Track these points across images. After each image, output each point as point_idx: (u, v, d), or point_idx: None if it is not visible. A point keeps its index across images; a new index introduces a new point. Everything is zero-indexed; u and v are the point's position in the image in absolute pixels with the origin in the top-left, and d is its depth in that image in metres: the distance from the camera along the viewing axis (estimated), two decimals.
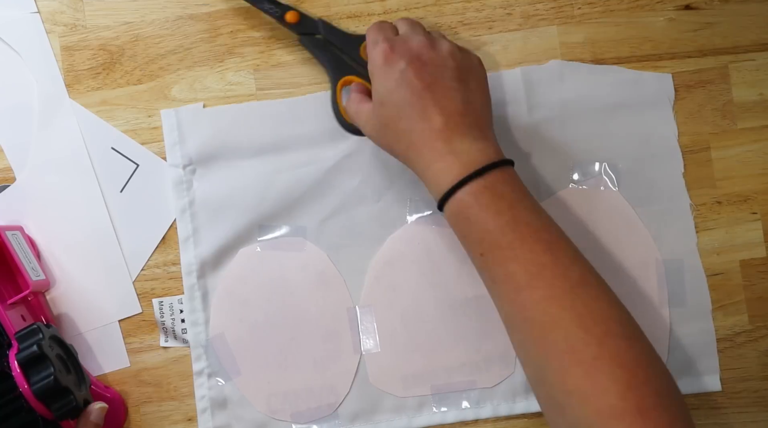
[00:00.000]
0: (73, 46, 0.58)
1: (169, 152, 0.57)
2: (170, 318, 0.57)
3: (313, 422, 0.56)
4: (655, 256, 0.56)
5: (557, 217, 0.56)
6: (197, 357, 0.56)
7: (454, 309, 0.56)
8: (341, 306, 0.56)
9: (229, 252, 0.57)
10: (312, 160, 0.57)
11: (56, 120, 0.57)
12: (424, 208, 0.57)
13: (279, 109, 0.57)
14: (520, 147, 0.57)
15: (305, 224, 0.57)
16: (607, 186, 0.57)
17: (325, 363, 0.56)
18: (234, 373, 0.56)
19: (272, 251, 0.57)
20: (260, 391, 0.56)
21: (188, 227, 0.57)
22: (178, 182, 0.57)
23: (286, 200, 0.57)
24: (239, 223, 0.57)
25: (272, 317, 0.56)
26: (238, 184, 0.57)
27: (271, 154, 0.57)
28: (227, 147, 0.57)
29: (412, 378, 0.56)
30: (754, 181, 0.57)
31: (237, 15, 0.58)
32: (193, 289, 0.57)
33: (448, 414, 0.56)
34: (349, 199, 0.57)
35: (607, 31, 0.58)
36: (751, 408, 0.56)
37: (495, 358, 0.55)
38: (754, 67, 0.58)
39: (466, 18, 0.58)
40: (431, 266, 0.56)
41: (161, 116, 0.57)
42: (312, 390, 0.56)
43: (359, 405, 0.56)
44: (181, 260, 0.57)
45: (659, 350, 0.55)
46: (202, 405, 0.56)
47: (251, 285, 0.57)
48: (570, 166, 0.57)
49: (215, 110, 0.57)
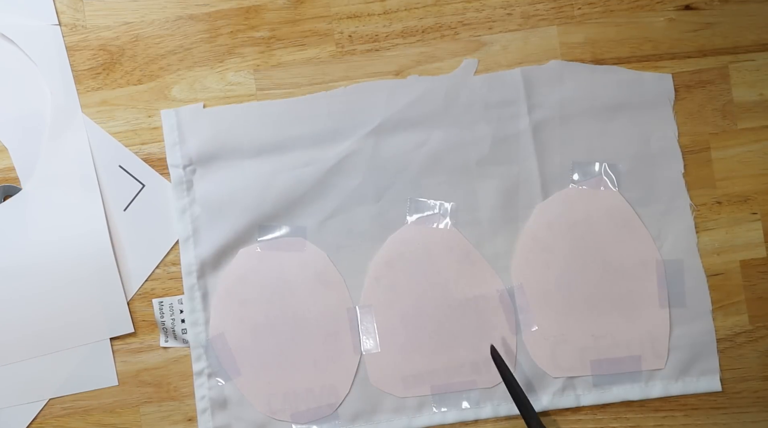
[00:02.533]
0: (73, 46, 0.58)
1: (169, 152, 0.57)
2: (170, 318, 0.57)
3: (313, 422, 0.56)
4: (655, 257, 0.56)
5: (557, 217, 0.57)
6: (197, 358, 0.56)
7: (453, 310, 0.56)
8: (341, 307, 0.56)
9: (229, 252, 0.57)
10: (312, 160, 0.57)
11: (67, 133, 0.57)
12: (424, 208, 0.57)
13: (279, 109, 0.57)
14: (520, 147, 0.57)
15: (305, 224, 0.57)
16: (607, 186, 0.57)
17: (325, 364, 0.56)
18: (234, 373, 0.56)
19: (272, 251, 0.57)
20: (260, 391, 0.56)
21: (188, 227, 0.57)
22: (179, 182, 0.57)
23: (286, 200, 0.57)
24: (239, 223, 0.57)
25: (272, 317, 0.56)
26: (239, 184, 0.57)
27: (271, 155, 0.57)
28: (227, 147, 0.57)
29: (412, 378, 0.56)
30: (754, 181, 0.57)
31: (237, 15, 0.58)
32: (193, 289, 0.57)
33: (448, 415, 0.56)
34: (349, 200, 0.57)
35: (607, 31, 0.58)
36: (752, 409, 0.56)
37: None
38: (755, 68, 0.58)
39: (466, 18, 0.58)
40: (431, 266, 0.56)
41: (161, 116, 0.57)
42: (312, 390, 0.56)
43: (359, 405, 0.56)
44: (181, 260, 0.57)
45: (659, 350, 0.55)
46: (203, 405, 0.56)
47: (251, 285, 0.57)
48: (570, 166, 0.57)
49: (215, 110, 0.57)
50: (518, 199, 0.57)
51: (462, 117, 0.57)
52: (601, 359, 0.55)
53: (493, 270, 0.56)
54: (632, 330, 0.56)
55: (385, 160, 0.57)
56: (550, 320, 0.56)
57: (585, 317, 0.56)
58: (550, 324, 0.56)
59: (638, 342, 0.56)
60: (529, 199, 0.57)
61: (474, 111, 0.57)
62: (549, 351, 0.56)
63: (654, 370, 0.56)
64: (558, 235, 0.56)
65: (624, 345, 0.56)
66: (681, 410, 0.56)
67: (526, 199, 0.57)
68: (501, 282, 0.56)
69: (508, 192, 0.57)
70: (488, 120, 0.57)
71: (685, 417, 0.56)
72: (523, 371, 0.56)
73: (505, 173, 0.57)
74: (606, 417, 0.56)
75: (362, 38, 0.58)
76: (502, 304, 0.56)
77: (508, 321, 0.56)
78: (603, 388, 0.56)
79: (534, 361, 0.56)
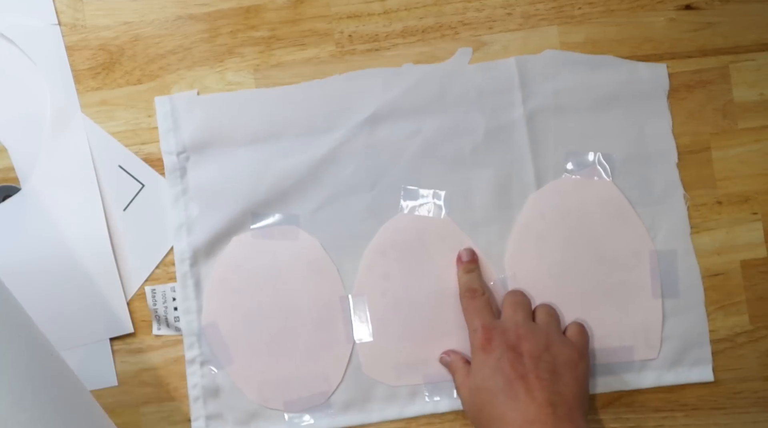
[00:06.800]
0: (73, 46, 0.58)
1: (162, 139, 0.57)
2: (163, 306, 0.57)
3: (305, 411, 0.56)
4: (648, 247, 0.56)
5: (550, 207, 0.56)
6: (190, 346, 0.56)
7: (446, 298, 0.56)
8: (334, 295, 0.56)
9: (222, 240, 0.57)
10: (306, 148, 0.57)
11: (66, 133, 0.57)
12: (418, 197, 0.57)
13: (273, 96, 0.57)
14: (514, 136, 0.57)
15: (298, 212, 0.57)
16: (601, 176, 0.57)
17: (318, 352, 0.56)
18: (226, 362, 0.56)
19: (265, 239, 0.57)
20: (252, 380, 0.56)
21: (181, 215, 0.57)
22: (172, 169, 0.57)
23: (279, 188, 0.57)
24: (233, 211, 0.56)
25: (265, 305, 0.56)
26: (232, 171, 0.57)
27: (265, 142, 0.57)
28: (221, 134, 0.57)
29: (405, 367, 0.56)
30: (754, 181, 0.57)
31: (237, 15, 0.58)
32: (186, 277, 0.56)
33: (441, 404, 0.56)
34: (342, 188, 0.57)
35: (608, 31, 0.58)
36: (752, 409, 0.56)
37: None
38: (755, 67, 0.58)
39: (467, 18, 0.58)
40: (424, 255, 0.56)
41: (155, 103, 0.57)
42: (304, 378, 0.56)
43: (352, 394, 0.56)
44: (174, 248, 0.57)
45: (652, 340, 0.55)
46: (195, 393, 0.56)
47: (244, 273, 0.57)
48: (564, 156, 0.57)
49: (210, 98, 0.57)
50: (512, 188, 0.57)
51: (456, 106, 0.57)
52: (594, 348, 0.55)
53: (486, 260, 0.56)
54: (625, 320, 0.56)
55: (379, 148, 0.57)
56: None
57: (578, 307, 0.56)
58: None
59: (631, 332, 0.56)
60: (523, 189, 0.57)
61: (468, 100, 0.57)
62: None
63: (646, 360, 0.56)
64: (552, 225, 0.56)
65: (617, 335, 0.56)
66: (681, 410, 0.56)
67: (520, 188, 0.57)
68: (494, 272, 0.56)
69: (501, 181, 0.57)
70: (482, 109, 0.57)
71: (686, 417, 0.56)
72: None
73: (499, 162, 0.57)
74: (606, 418, 0.56)
75: (362, 38, 0.58)
76: (496, 294, 0.56)
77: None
78: (595, 378, 0.55)
79: None
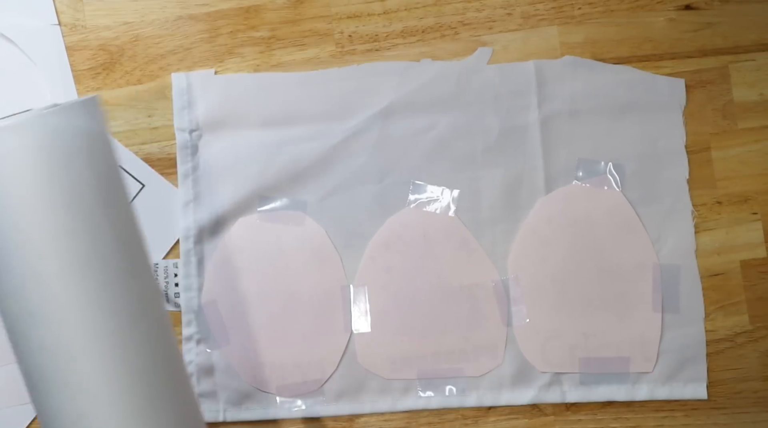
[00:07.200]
0: (73, 46, 0.58)
1: (177, 116, 0.57)
2: (164, 280, 0.57)
3: (297, 396, 0.56)
4: (652, 260, 0.56)
5: (558, 213, 0.56)
6: (188, 323, 0.56)
7: (447, 296, 0.56)
8: (335, 284, 0.56)
9: (228, 220, 0.57)
10: (318, 135, 0.57)
11: None
12: (426, 193, 0.57)
13: (291, 81, 0.57)
14: (527, 139, 0.57)
15: (306, 199, 0.57)
16: (611, 185, 0.57)
17: (315, 339, 0.56)
18: (223, 341, 0.56)
19: (271, 223, 0.57)
20: (247, 361, 0.56)
21: (189, 192, 0.57)
22: (184, 146, 0.57)
23: (289, 173, 0.57)
24: (240, 192, 0.56)
25: (265, 288, 0.56)
26: (243, 153, 0.57)
27: (278, 126, 0.57)
28: (235, 115, 0.57)
29: (400, 360, 0.56)
30: (754, 181, 0.57)
31: (237, 15, 0.58)
32: (189, 254, 0.56)
33: (433, 400, 0.56)
34: (352, 178, 0.57)
35: (608, 31, 0.58)
36: (752, 409, 0.56)
37: (483, 348, 0.55)
38: (755, 67, 0.58)
39: (466, 18, 0.58)
40: (428, 251, 0.56)
41: (171, 79, 0.57)
42: (299, 364, 0.56)
43: (345, 383, 0.56)
44: (179, 224, 0.57)
45: (648, 353, 0.55)
46: (189, 370, 0.56)
47: (247, 255, 0.56)
48: (575, 162, 0.57)
49: (226, 78, 0.57)
50: (521, 191, 0.57)
51: (472, 104, 0.57)
52: (590, 357, 0.55)
53: (489, 260, 0.56)
54: (624, 331, 0.55)
55: (391, 141, 0.57)
56: (542, 314, 0.56)
57: (578, 314, 0.56)
58: (543, 318, 0.56)
59: (628, 343, 0.55)
60: (532, 192, 0.57)
61: (484, 99, 0.57)
62: (539, 345, 0.56)
63: (642, 373, 0.55)
64: (558, 231, 0.56)
65: (614, 345, 0.55)
66: (681, 410, 0.56)
67: (529, 191, 0.57)
68: (497, 273, 0.56)
69: (511, 183, 0.57)
70: (497, 109, 0.57)
71: (686, 417, 0.56)
72: (512, 363, 0.56)
73: (509, 164, 0.57)
74: (606, 417, 0.56)
75: (362, 38, 0.58)
76: (496, 295, 0.56)
77: (501, 312, 0.56)
78: (589, 387, 0.55)
79: (523, 354, 0.56)
